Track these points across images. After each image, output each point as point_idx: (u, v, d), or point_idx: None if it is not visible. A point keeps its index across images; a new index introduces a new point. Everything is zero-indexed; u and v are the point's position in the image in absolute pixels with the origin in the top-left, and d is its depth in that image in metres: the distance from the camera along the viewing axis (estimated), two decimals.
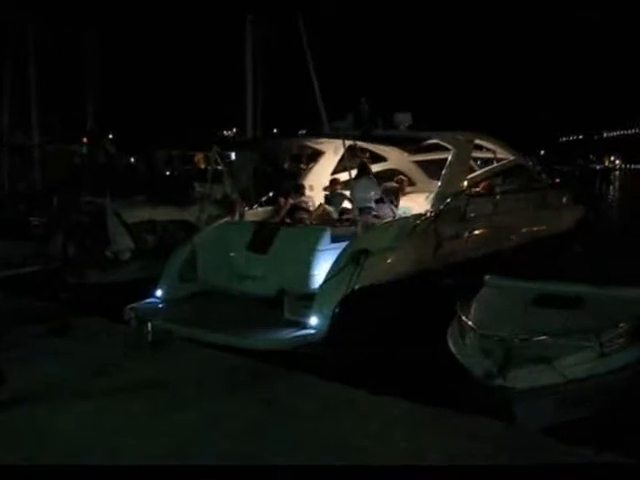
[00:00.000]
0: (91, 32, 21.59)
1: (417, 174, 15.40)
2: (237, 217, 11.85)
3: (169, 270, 10.89)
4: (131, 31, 26.61)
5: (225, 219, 11.68)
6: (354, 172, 13.62)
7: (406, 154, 14.87)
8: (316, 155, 13.82)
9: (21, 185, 20.32)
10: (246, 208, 12.25)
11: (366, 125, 11.92)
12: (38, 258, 12.93)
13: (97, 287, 11.78)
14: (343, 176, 13.77)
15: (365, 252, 9.29)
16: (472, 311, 7.90)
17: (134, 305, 10.19)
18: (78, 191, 15.23)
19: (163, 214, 13.58)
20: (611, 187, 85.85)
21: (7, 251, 12.98)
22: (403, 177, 13.53)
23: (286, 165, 15.63)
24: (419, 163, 15.38)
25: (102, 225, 12.82)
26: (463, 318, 7.52)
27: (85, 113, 20.55)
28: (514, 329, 6.50)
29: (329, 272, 9.31)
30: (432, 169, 15.78)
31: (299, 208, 12.12)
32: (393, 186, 12.24)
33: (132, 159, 26.21)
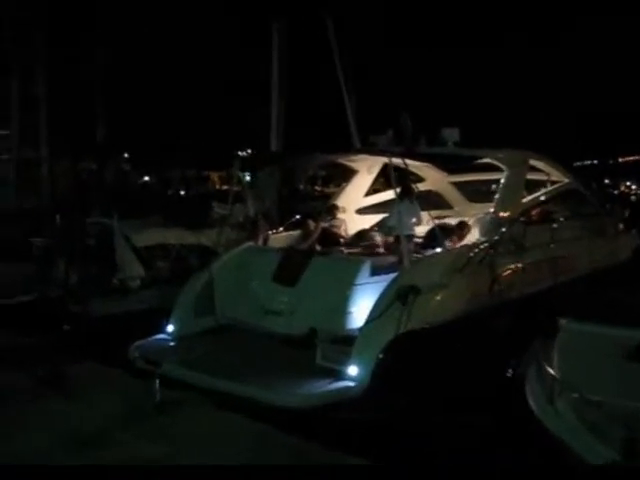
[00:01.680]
0: (104, 48, 20.54)
1: (454, 196, 14.04)
2: (260, 242, 10.46)
3: (183, 302, 9.49)
4: (146, 46, 25.51)
5: (247, 244, 10.30)
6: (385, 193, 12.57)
7: (445, 174, 13.49)
8: (348, 174, 12.43)
9: (28, 202, 19.11)
10: (270, 232, 10.88)
11: (408, 141, 10.52)
12: (38, 284, 11.57)
13: (102, 319, 10.39)
14: (377, 198, 12.53)
15: (414, 289, 7.86)
16: (556, 363, 6.33)
17: (141, 343, 8.87)
18: (85, 211, 13.90)
19: (177, 237, 12.11)
20: None
21: (4, 275, 11.65)
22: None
23: (316, 184, 14.31)
24: (456, 184, 14.04)
25: (109, 249, 11.46)
26: (550, 372, 5.97)
27: (95, 128, 19.40)
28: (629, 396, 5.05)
29: (371, 312, 7.89)
30: (469, 191, 14.53)
31: (331, 233, 10.76)
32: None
33: (146, 178, 25.04)
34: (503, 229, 9.63)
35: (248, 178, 12.75)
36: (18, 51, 19.02)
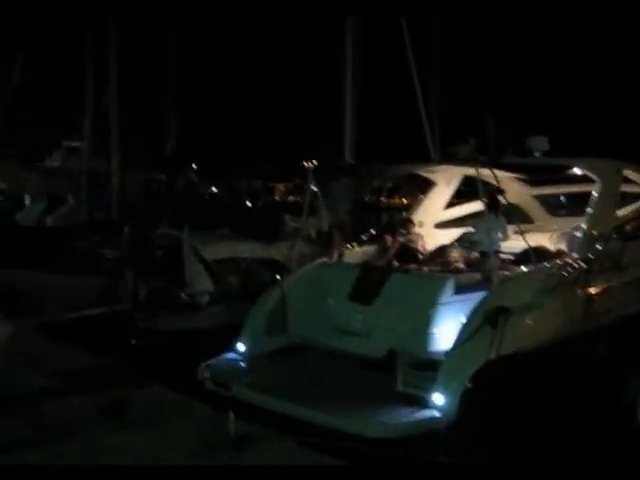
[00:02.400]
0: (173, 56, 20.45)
1: (536, 210, 13.23)
2: (335, 257, 9.93)
3: (253, 320, 9.05)
4: (215, 55, 25.39)
5: (321, 260, 9.79)
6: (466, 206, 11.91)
7: (527, 186, 12.74)
8: (426, 186, 11.83)
9: (100, 214, 19.07)
10: (345, 247, 10.35)
11: (493, 150, 9.87)
12: (107, 298, 11.33)
13: (170, 335, 10.05)
14: (457, 212, 11.89)
15: (504, 310, 7.21)
16: None
17: (210, 362, 8.43)
18: (153, 222, 13.64)
19: (247, 251, 11.68)
20: None
21: (73, 288, 11.44)
22: None
23: (381, 196, 13.71)
24: (537, 197, 13.27)
25: (178, 261, 11.12)
26: None
27: (165, 138, 19.27)
28: None
29: (458, 335, 7.27)
30: (549, 204, 13.77)
31: (409, 249, 10.17)
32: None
33: (214, 188, 24.80)
34: (598, 245, 8.87)
35: (315, 189, 12.28)
36: (87, 57, 19.00)
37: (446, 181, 11.41)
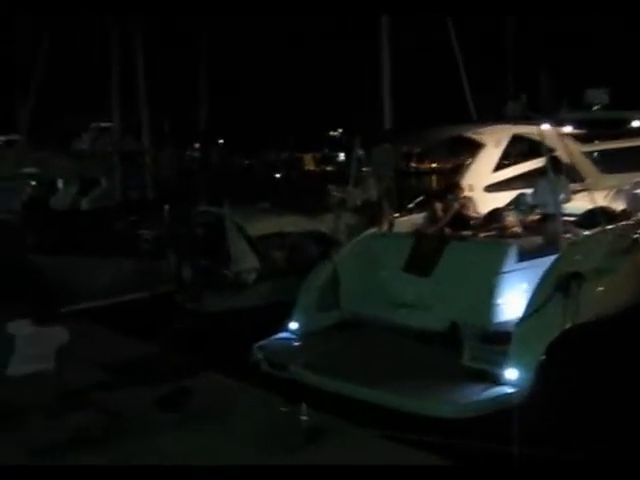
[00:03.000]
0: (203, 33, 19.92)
1: (587, 167, 12.58)
2: (385, 228, 9.49)
3: (306, 296, 8.66)
4: (243, 30, 24.79)
5: (371, 230, 9.36)
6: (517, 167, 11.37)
7: (578, 143, 12.12)
8: (473, 149, 11.28)
9: (134, 194, 18.79)
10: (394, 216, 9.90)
11: (548, 106, 9.30)
12: (148, 280, 11.02)
13: (217, 316, 9.72)
14: (508, 173, 11.35)
15: (576, 276, 6.74)
16: None
17: (263, 343, 8.11)
18: (192, 200, 13.30)
19: (292, 225, 11.21)
20: None
21: (112, 272, 11.15)
22: None
23: (411, 162, 13.11)
24: (587, 154, 12.64)
25: (221, 239, 10.75)
26: None
27: (196, 115, 18.82)
28: None
29: (529, 305, 6.81)
30: (599, 160, 13.15)
31: (460, 214, 9.68)
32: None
33: (246, 162, 24.45)
34: None
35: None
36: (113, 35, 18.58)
37: (495, 142, 10.84)
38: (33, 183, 23.94)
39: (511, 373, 6.44)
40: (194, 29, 19.81)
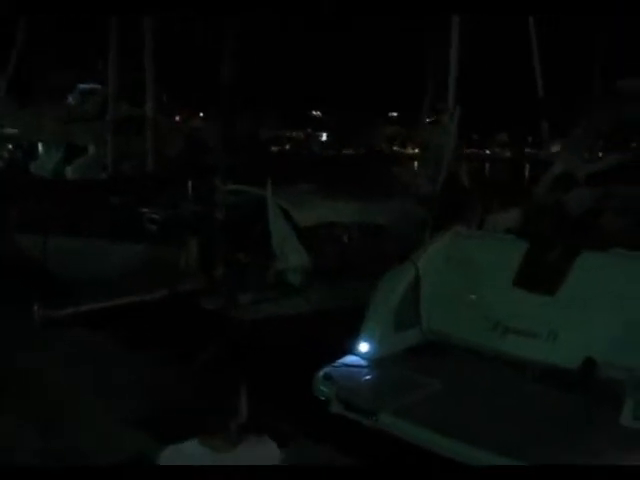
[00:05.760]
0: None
1: None
2: (474, 225, 7.52)
3: (381, 309, 6.68)
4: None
5: (454, 229, 7.33)
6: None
7: None
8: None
9: (125, 165, 16.67)
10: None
11: None
12: (164, 273, 8.99)
13: (257, 325, 7.74)
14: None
15: None
16: None
17: (329, 371, 6.16)
18: (213, 176, 11.16)
19: (347, 214, 9.10)
20: None
21: (121, 260, 9.10)
22: None
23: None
24: None
25: (259, 227, 8.74)
26: None
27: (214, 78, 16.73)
28: None
29: None
30: None
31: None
32: None
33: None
34: None
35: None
36: None
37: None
38: (9, 147, 21.94)
39: None
40: None
